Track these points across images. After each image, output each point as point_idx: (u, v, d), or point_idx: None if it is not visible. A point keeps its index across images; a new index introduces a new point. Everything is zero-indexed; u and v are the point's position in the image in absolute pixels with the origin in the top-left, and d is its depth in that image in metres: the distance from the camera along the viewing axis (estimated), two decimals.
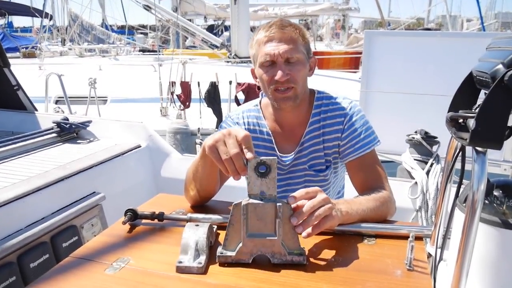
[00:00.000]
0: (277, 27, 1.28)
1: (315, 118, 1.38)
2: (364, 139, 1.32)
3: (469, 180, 0.71)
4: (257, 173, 0.90)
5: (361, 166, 1.32)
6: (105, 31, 16.02)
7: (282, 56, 1.26)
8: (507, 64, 0.66)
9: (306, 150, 1.39)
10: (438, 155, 2.47)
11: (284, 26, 1.28)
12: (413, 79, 3.25)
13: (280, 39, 1.27)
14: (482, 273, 0.79)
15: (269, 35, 1.27)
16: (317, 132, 1.38)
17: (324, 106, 1.38)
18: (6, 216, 1.62)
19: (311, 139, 1.38)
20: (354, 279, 0.88)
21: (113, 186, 2.20)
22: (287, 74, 1.26)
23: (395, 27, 16.35)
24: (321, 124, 1.37)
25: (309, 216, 0.95)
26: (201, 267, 0.90)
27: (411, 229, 1.07)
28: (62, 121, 2.57)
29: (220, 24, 15.87)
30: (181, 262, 0.91)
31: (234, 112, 1.48)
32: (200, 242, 0.94)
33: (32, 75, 6.52)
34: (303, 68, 1.30)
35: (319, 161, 1.40)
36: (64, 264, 0.95)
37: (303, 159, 1.40)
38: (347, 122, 1.35)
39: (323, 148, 1.38)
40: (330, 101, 1.38)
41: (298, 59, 1.28)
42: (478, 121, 0.67)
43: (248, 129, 1.42)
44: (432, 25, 26.94)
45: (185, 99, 5.75)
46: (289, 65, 1.27)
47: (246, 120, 1.43)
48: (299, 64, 1.29)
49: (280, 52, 1.25)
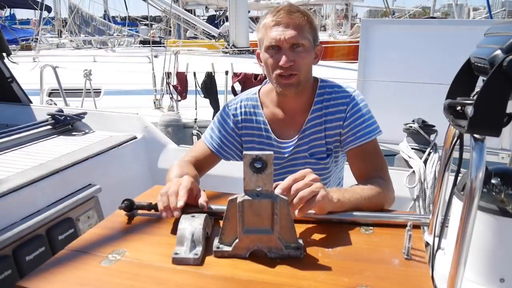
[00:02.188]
0: (285, 12, 1.27)
1: (318, 106, 1.38)
2: (366, 128, 1.32)
3: (467, 168, 0.70)
4: (253, 168, 0.88)
5: (362, 155, 1.32)
6: (106, 22, 15.79)
7: (287, 42, 1.25)
8: (506, 49, 0.65)
9: (307, 138, 1.39)
10: (436, 143, 2.47)
11: (292, 12, 1.27)
12: (410, 68, 3.23)
13: (287, 24, 1.26)
14: (480, 262, 0.78)
15: (276, 19, 1.27)
16: (319, 120, 1.38)
17: (327, 95, 1.38)
18: (1, 209, 1.61)
19: (313, 127, 1.38)
20: (352, 268, 0.88)
21: (109, 178, 2.19)
22: (291, 60, 1.26)
23: (400, 15, 16.26)
24: (323, 112, 1.37)
25: (294, 199, 0.96)
26: (197, 258, 0.90)
27: (408, 217, 1.06)
28: (57, 113, 2.55)
29: (221, 14, 15.74)
30: (177, 254, 0.91)
31: (232, 101, 1.48)
32: (196, 233, 0.94)
33: (27, 67, 6.46)
34: (308, 55, 1.30)
35: (320, 149, 1.39)
36: (59, 256, 0.94)
37: (303, 146, 1.40)
38: (349, 110, 1.34)
39: (325, 136, 1.38)
40: (333, 90, 1.38)
41: (304, 46, 1.27)
42: (476, 108, 0.66)
43: (244, 118, 1.43)
44: (438, 14, 26.80)
45: (181, 90, 5.71)
46: (294, 52, 1.27)
47: (243, 110, 1.44)
48: (304, 51, 1.28)
49: (286, 38, 1.25)
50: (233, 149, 1.45)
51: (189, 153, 1.46)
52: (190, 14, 11.63)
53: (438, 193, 0.94)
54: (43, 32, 13.96)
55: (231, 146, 1.44)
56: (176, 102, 5.69)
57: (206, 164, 1.44)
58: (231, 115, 1.44)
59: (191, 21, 10.60)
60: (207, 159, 1.44)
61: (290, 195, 0.96)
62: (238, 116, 1.43)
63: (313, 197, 0.97)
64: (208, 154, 1.44)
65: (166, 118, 5.11)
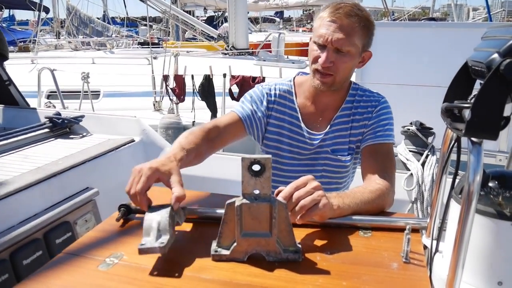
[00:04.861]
0: (344, 13, 1.27)
1: (348, 105, 1.43)
2: (386, 130, 1.37)
3: (465, 171, 0.70)
4: (251, 172, 0.88)
5: (375, 153, 1.35)
6: (104, 23, 15.77)
7: (333, 44, 1.27)
8: (503, 53, 0.65)
9: (332, 134, 1.43)
10: (434, 146, 2.48)
11: (350, 15, 1.27)
12: (408, 70, 3.24)
13: (341, 26, 1.27)
14: (478, 265, 0.78)
15: (332, 17, 1.27)
16: (347, 119, 1.42)
17: (359, 96, 1.43)
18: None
19: (340, 124, 1.42)
20: (350, 272, 0.87)
21: (107, 181, 2.18)
22: (330, 62, 1.28)
23: (399, 16, 16.27)
24: (352, 112, 1.42)
25: (295, 206, 0.95)
26: (163, 246, 0.87)
27: (407, 221, 1.06)
28: (54, 116, 2.54)
29: (220, 15, 15.75)
30: (143, 244, 0.88)
31: (266, 83, 1.50)
32: (162, 222, 0.92)
33: (25, 70, 6.44)
34: (351, 60, 1.31)
35: (342, 147, 1.43)
36: (56, 260, 0.94)
37: (327, 141, 1.43)
38: (376, 112, 1.40)
39: (349, 134, 1.42)
40: (364, 93, 1.44)
41: (349, 52, 1.28)
42: (473, 111, 0.66)
43: (277, 101, 1.45)
44: (438, 14, 26.80)
45: (179, 93, 5.71)
46: (337, 54, 1.28)
47: (277, 92, 1.46)
48: (347, 56, 1.29)
49: (333, 40, 1.26)
50: (258, 126, 1.45)
51: (212, 121, 1.41)
52: (189, 15, 11.62)
53: (436, 196, 0.94)
54: (43, 33, 13.88)
55: (257, 122, 1.44)
56: (175, 104, 5.70)
57: (228, 131, 1.38)
58: (265, 93, 1.45)
59: (189, 22, 10.59)
60: (233, 126, 1.40)
61: (291, 203, 0.95)
62: (272, 97, 1.45)
63: (315, 205, 0.97)
64: (235, 120, 1.41)
65: (166, 121, 5.11)
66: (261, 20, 22.37)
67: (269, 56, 8.52)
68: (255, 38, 12.20)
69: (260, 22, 21.84)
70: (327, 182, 1.44)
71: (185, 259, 0.93)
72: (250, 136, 1.46)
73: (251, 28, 9.47)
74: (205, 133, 1.29)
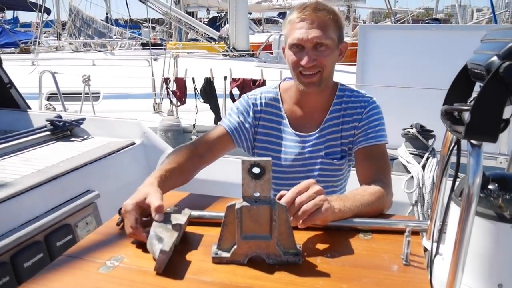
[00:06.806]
0: (311, 10, 1.28)
1: (336, 107, 1.41)
2: (378, 131, 1.36)
3: (465, 173, 0.70)
4: (251, 174, 0.88)
5: (370, 156, 1.34)
6: (106, 24, 15.73)
7: (310, 42, 1.27)
8: (502, 56, 0.65)
9: (324, 138, 1.42)
10: (434, 148, 2.48)
11: (318, 10, 1.28)
12: (408, 73, 3.25)
13: (312, 22, 1.27)
14: (478, 267, 0.78)
15: (301, 16, 1.28)
16: (337, 121, 1.41)
17: (347, 97, 1.41)
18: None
19: (330, 127, 1.41)
20: (351, 274, 0.87)
21: (108, 184, 2.19)
22: (313, 60, 1.27)
23: (402, 17, 16.24)
24: (341, 113, 1.41)
25: (298, 211, 0.95)
26: (163, 250, 0.87)
27: (407, 223, 1.06)
28: (55, 119, 2.54)
29: (223, 16, 15.74)
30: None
31: (251, 92, 1.50)
32: (154, 236, 0.93)
33: (25, 71, 6.44)
34: (331, 53, 1.31)
35: (335, 150, 1.42)
36: (57, 263, 0.94)
37: (320, 146, 1.42)
38: (366, 112, 1.38)
39: (340, 137, 1.41)
40: (352, 93, 1.43)
41: (327, 45, 1.29)
42: (473, 114, 0.66)
43: (263, 110, 1.45)
44: (441, 15, 26.73)
45: (180, 96, 5.71)
46: (317, 51, 1.28)
47: (263, 101, 1.45)
48: (327, 49, 1.29)
49: (309, 38, 1.26)
50: (247, 137, 1.45)
51: (201, 136, 1.43)
52: (190, 17, 11.64)
53: (436, 199, 0.94)
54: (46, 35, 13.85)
55: (245, 133, 1.44)
56: (176, 107, 5.70)
57: (217, 145, 1.40)
58: (251, 104, 1.45)
59: (191, 24, 10.59)
60: (220, 140, 1.41)
61: (293, 208, 0.95)
62: (258, 106, 1.45)
63: (317, 210, 0.97)
64: (222, 134, 1.42)
65: (166, 123, 5.10)
66: (264, 21, 22.38)
67: (270, 58, 8.52)
68: (257, 39, 12.19)
69: (263, 23, 21.87)
70: (323, 187, 1.42)
71: (185, 262, 0.93)
72: (239, 148, 1.46)
73: (253, 29, 9.44)
74: (193, 150, 1.33)
